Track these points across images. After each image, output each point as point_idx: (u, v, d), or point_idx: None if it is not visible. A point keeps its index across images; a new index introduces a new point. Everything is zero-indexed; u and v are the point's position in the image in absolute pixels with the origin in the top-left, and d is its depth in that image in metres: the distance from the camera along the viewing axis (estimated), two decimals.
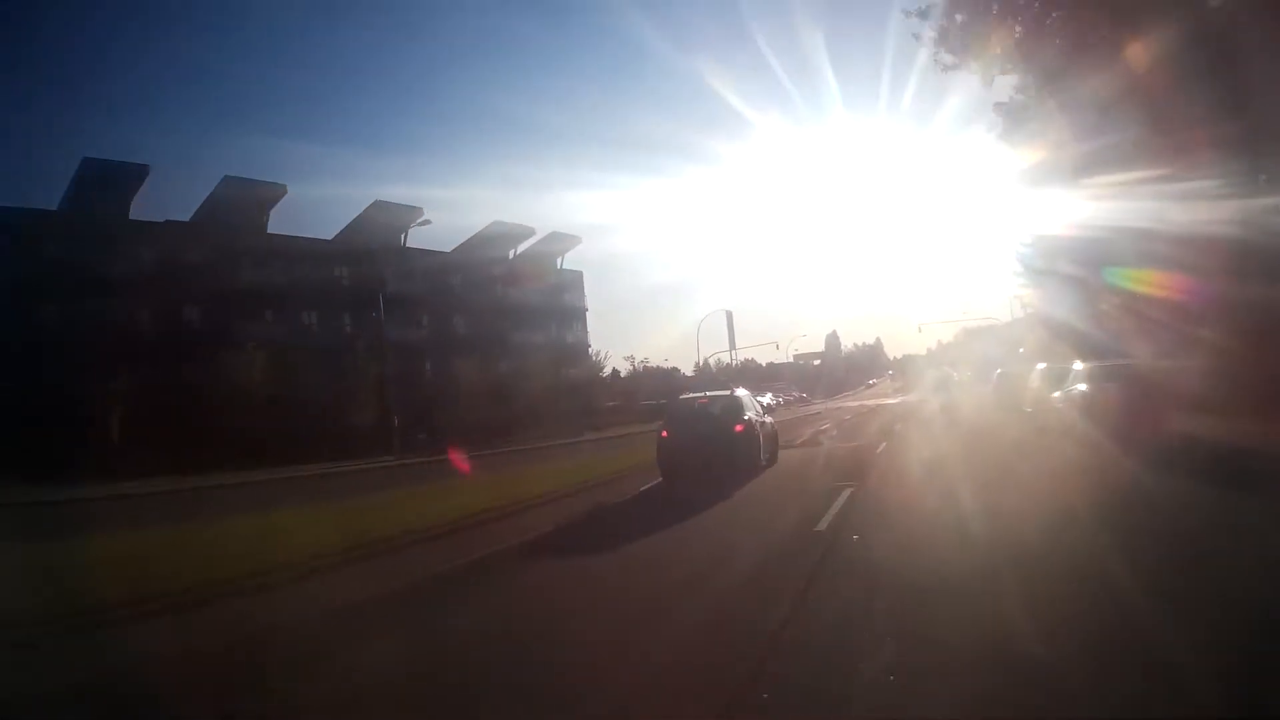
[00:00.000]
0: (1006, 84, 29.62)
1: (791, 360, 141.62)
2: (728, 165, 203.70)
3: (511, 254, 77.54)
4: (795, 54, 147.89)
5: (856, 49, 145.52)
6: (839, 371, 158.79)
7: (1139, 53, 22.54)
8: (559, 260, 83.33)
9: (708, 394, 20.82)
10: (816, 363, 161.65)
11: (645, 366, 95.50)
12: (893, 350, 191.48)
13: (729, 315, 73.02)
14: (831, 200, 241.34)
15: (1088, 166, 28.32)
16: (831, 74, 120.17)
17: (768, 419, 21.07)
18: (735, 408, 18.65)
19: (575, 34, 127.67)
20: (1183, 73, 21.64)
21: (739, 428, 17.86)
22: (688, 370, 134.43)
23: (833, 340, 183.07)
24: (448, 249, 73.31)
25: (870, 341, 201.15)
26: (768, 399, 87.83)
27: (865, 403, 77.00)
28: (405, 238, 68.46)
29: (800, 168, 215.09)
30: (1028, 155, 32.82)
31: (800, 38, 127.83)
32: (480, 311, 72.42)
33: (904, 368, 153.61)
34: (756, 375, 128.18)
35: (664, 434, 18.62)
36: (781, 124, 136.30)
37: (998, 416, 29.03)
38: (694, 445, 17.74)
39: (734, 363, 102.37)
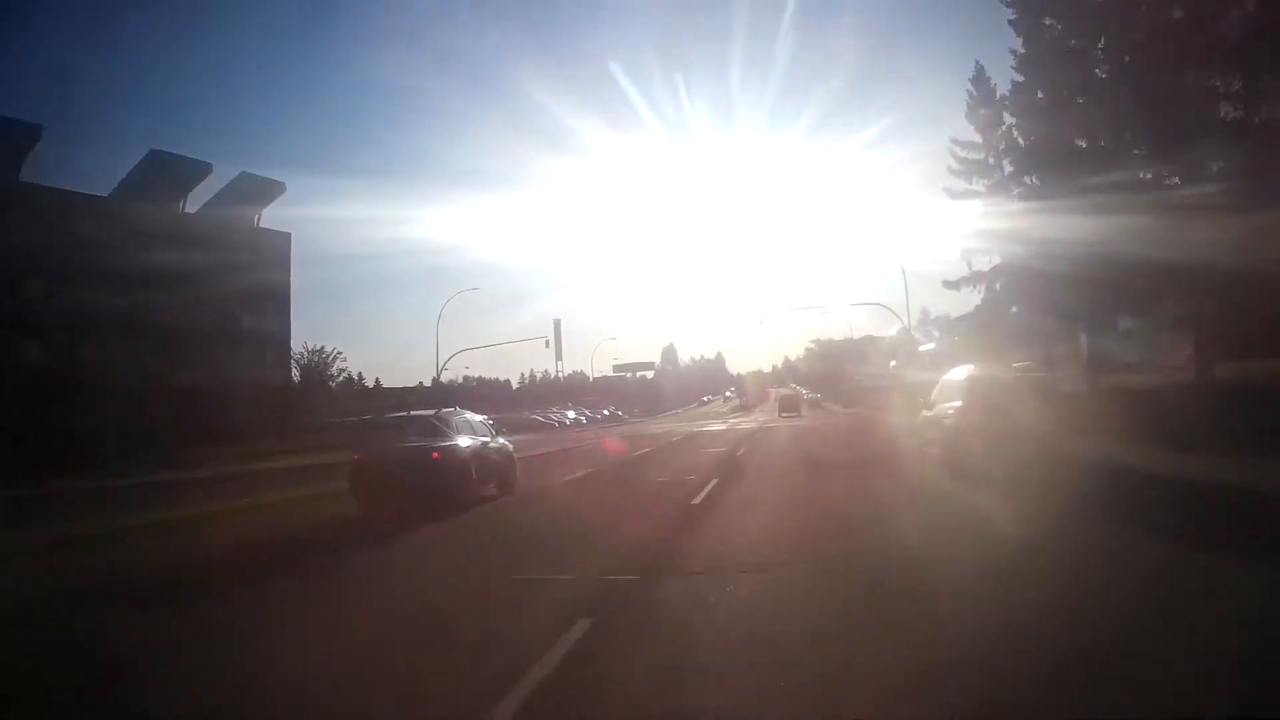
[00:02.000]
0: None
1: (612, 373, 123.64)
2: (573, 183, 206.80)
3: (182, 204, 57.94)
4: (640, 65, 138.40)
5: (704, 63, 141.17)
6: (667, 387, 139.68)
7: None
8: (256, 217, 62.19)
9: (411, 413, 19.67)
10: (648, 375, 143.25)
11: (358, 375, 74.89)
12: (736, 366, 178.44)
13: (557, 324, 66.98)
14: (679, 213, 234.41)
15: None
16: (682, 87, 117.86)
17: (499, 443, 18.80)
18: (436, 430, 16.74)
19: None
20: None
21: (436, 454, 15.92)
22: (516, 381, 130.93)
23: (669, 353, 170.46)
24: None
25: (711, 355, 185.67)
26: (570, 415, 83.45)
27: (674, 428, 60.01)
28: (20, 171, 46.74)
29: (649, 182, 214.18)
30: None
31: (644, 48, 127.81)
32: (119, 281, 47.56)
33: (745, 385, 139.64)
34: (583, 389, 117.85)
35: (356, 458, 16.71)
36: (627, 137, 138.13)
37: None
38: (388, 472, 15.72)
39: (560, 374, 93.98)
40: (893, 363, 76.03)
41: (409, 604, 8.27)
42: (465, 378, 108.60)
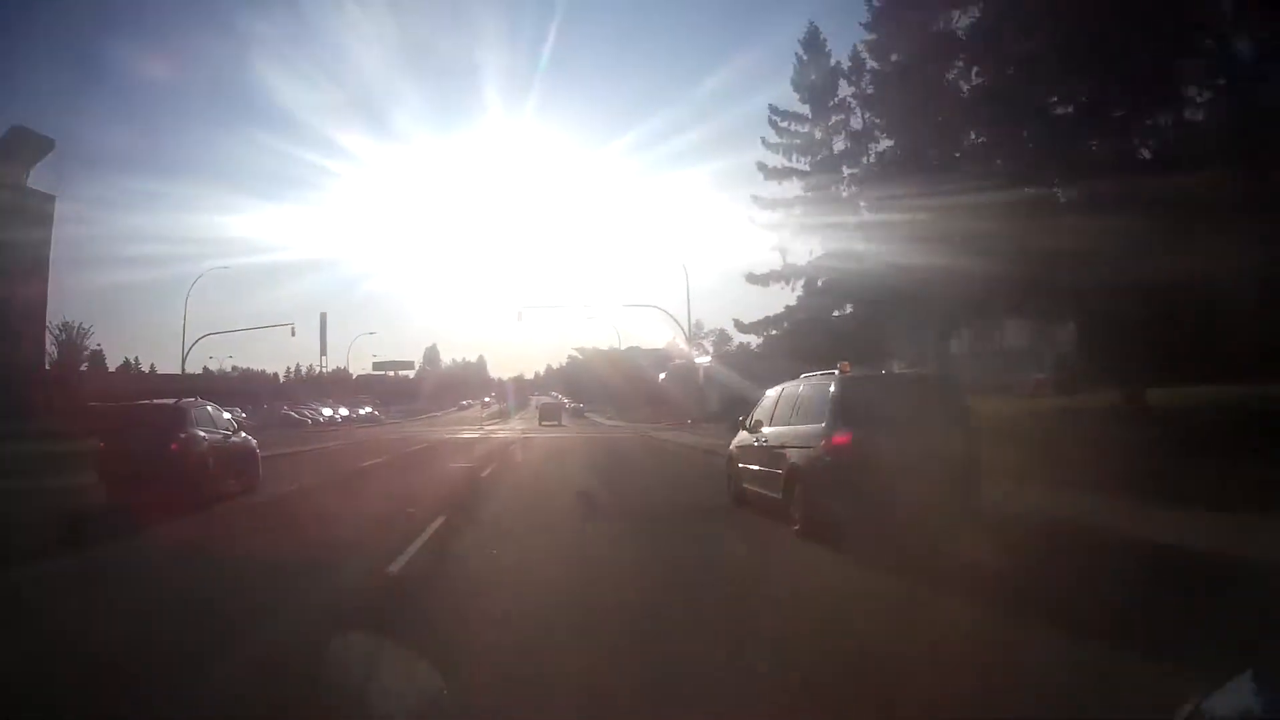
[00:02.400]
0: None
1: (374, 370, 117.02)
2: (343, 181, 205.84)
3: None
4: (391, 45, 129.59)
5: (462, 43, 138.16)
6: (428, 388, 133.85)
7: None
8: (25, 174, 57.86)
9: (154, 402, 17.91)
10: (409, 374, 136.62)
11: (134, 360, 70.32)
12: (499, 370, 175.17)
13: (323, 317, 69.73)
14: (446, 213, 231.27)
15: None
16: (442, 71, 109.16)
17: (241, 438, 18.47)
18: (175, 422, 16.03)
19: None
20: None
21: (174, 446, 15.37)
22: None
23: (432, 353, 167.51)
24: None
25: (473, 359, 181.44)
26: (327, 412, 77.66)
27: (425, 432, 54.45)
28: None
29: (417, 181, 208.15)
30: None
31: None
32: None
33: (505, 390, 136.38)
34: (346, 386, 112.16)
35: (101, 445, 16.19)
36: (392, 134, 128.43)
37: None
38: (129, 462, 15.22)
39: (323, 369, 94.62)
40: (661, 375, 73.80)
41: None
42: (234, 367, 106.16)
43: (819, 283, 27.58)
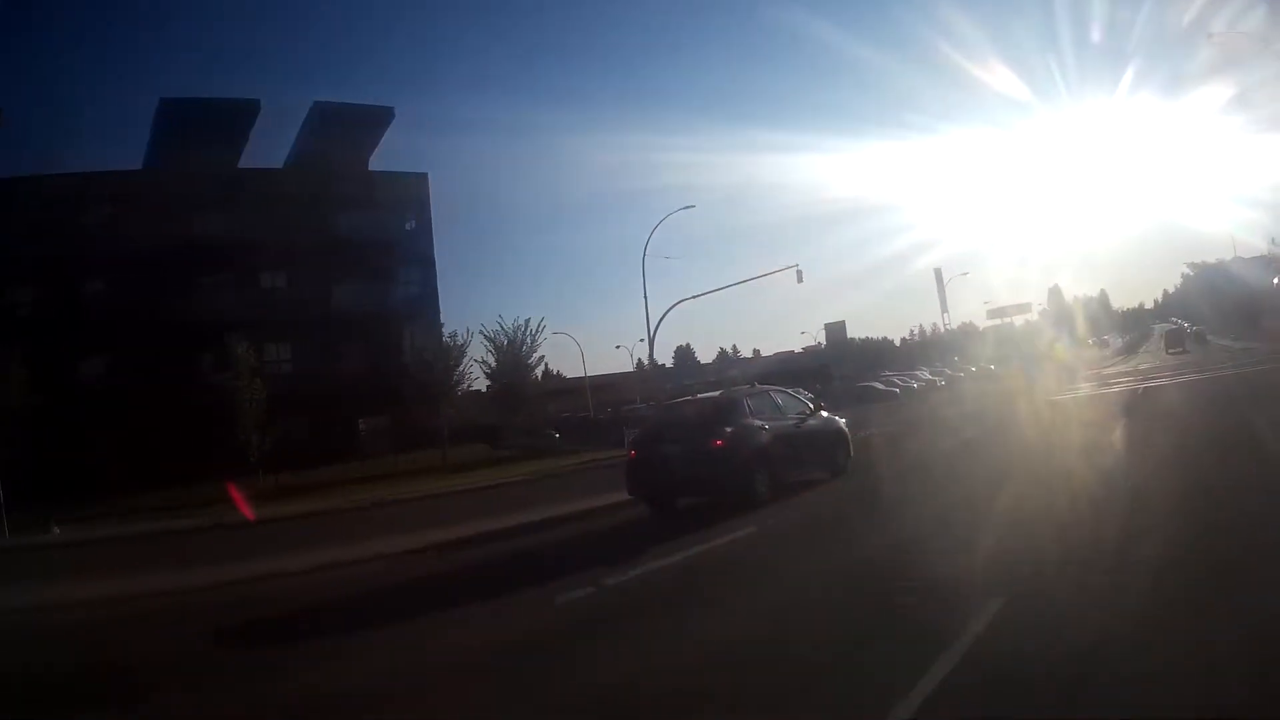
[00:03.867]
0: None
1: (987, 319, 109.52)
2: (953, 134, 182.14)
3: (238, 156, 47.33)
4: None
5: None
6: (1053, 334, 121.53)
7: None
8: (371, 152, 50.99)
9: (699, 396, 17.85)
10: (1032, 319, 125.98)
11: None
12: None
13: (938, 273, 65.79)
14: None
15: None
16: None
17: (821, 418, 16.17)
18: (718, 415, 14.54)
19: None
20: None
21: (718, 442, 13.59)
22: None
23: (1055, 294, 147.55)
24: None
25: (1094, 294, 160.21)
26: (926, 377, 70.93)
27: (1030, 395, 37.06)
28: None
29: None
30: None
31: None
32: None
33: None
34: (970, 341, 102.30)
35: (631, 454, 15.21)
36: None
37: None
38: (661, 466, 13.94)
39: (945, 327, 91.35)
40: (1276, 280, 61.73)
41: None
42: (852, 339, 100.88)
43: None
